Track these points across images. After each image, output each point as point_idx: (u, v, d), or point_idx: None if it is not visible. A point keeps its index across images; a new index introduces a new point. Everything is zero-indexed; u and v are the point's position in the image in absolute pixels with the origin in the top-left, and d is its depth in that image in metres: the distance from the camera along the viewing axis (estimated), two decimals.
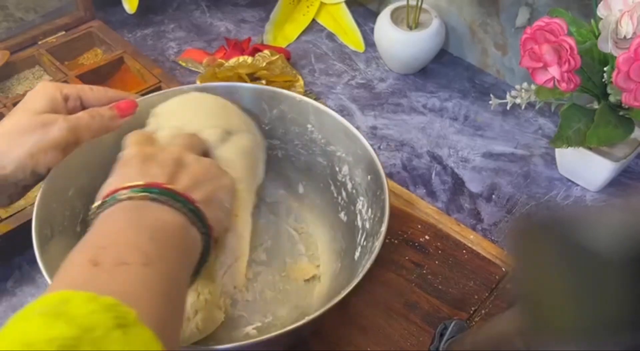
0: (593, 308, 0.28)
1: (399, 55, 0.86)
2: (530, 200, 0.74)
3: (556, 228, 0.29)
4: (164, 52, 0.91)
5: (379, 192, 0.58)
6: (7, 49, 0.84)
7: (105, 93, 0.58)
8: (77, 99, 0.57)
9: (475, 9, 0.85)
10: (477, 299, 0.63)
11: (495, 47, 0.86)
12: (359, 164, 0.61)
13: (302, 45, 0.93)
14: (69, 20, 0.89)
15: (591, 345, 0.28)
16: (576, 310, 0.28)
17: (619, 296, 0.27)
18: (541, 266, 0.30)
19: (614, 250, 0.27)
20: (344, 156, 0.63)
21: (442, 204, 0.73)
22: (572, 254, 0.28)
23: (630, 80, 0.59)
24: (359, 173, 0.62)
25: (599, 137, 0.65)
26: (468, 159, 0.78)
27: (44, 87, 0.55)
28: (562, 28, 0.60)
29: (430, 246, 0.67)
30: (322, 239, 0.66)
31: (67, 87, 0.56)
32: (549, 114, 0.82)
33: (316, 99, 0.85)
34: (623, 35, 0.60)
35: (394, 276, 0.65)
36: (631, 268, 0.27)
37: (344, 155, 0.63)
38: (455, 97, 0.86)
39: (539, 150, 0.79)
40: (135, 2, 0.91)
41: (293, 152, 0.67)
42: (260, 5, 0.99)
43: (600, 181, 0.73)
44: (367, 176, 0.60)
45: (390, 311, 0.62)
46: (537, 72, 0.63)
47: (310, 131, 0.65)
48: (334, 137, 0.64)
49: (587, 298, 0.28)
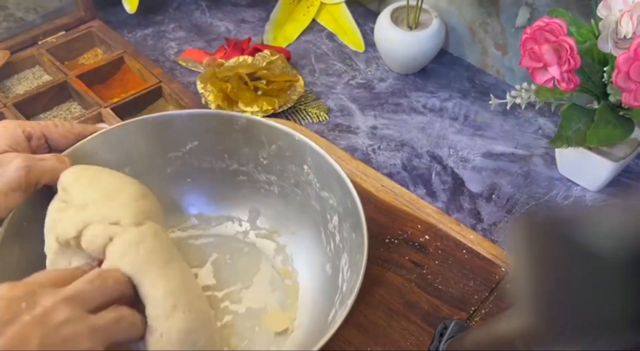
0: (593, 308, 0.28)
1: (399, 56, 0.86)
2: (530, 200, 0.74)
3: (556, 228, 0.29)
4: (164, 52, 0.91)
5: (357, 256, 0.54)
6: (7, 49, 0.84)
7: (70, 129, 0.57)
8: (41, 137, 0.55)
9: (475, 9, 0.85)
10: (477, 299, 0.63)
11: (495, 47, 0.86)
12: (348, 218, 0.58)
13: (302, 45, 0.93)
14: (69, 20, 0.89)
15: (591, 345, 0.28)
16: (576, 310, 0.28)
17: (619, 296, 0.27)
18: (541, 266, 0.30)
19: (614, 250, 0.27)
20: (335, 206, 0.60)
21: (442, 204, 0.73)
22: (572, 254, 0.28)
23: (630, 80, 0.59)
24: (347, 228, 0.58)
25: (599, 137, 0.65)
26: (468, 159, 0.78)
27: (4, 126, 0.53)
28: (562, 28, 0.60)
29: (430, 246, 0.67)
30: (303, 288, 0.62)
31: (30, 125, 0.54)
32: (549, 114, 0.82)
33: (316, 99, 0.85)
34: (623, 35, 0.60)
35: (394, 276, 0.65)
36: (631, 268, 0.27)
37: (335, 204, 0.60)
38: (455, 97, 0.86)
39: (539, 150, 0.79)
40: (135, 2, 0.91)
41: (289, 191, 0.64)
42: (260, 5, 0.99)
43: (600, 181, 0.73)
44: (352, 234, 0.57)
45: (390, 311, 0.62)
46: (537, 72, 0.63)
47: (307, 173, 0.62)
48: (327, 184, 0.61)
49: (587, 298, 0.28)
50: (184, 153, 0.64)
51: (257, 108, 0.80)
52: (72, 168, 0.53)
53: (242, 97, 0.80)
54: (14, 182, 0.49)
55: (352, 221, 0.57)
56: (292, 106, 0.83)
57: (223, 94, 0.80)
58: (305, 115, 0.83)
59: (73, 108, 0.82)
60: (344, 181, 0.58)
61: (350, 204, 0.57)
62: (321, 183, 0.61)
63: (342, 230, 0.59)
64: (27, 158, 0.50)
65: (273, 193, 0.66)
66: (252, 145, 0.64)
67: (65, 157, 0.54)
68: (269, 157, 0.64)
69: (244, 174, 0.66)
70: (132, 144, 0.62)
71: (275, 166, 0.64)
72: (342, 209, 0.59)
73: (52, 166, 0.52)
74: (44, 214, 0.55)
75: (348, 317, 0.50)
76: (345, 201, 0.58)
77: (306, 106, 0.83)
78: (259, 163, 0.64)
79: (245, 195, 0.67)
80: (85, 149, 0.59)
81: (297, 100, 0.83)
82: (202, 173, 0.66)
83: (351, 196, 0.57)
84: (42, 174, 0.51)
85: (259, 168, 0.65)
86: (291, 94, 0.83)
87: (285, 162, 0.63)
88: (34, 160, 0.51)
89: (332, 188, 0.60)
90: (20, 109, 0.78)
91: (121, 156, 0.62)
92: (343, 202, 0.59)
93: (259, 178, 0.65)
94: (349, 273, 0.56)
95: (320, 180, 0.61)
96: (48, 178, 0.52)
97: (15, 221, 0.53)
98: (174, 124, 0.63)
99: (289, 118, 0.82)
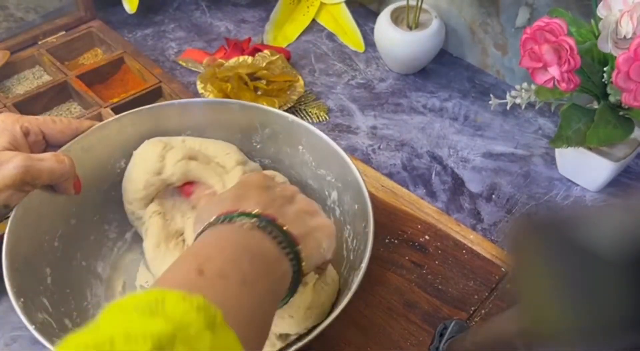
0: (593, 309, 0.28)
1: (399, 55, 0.86)
2: (530, 200, 0.74)
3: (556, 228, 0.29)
4: (164, 52, 0.91)
5: (364, 224, 0.56)
6: (8, 49, 0.84)
7: (68, 125, 0.57)
8: (39, 133, 0.55)
9: (475, 9, 0.85)
10: (477, 299, 0.63)
11: (495, 47, 0.86)
12: (348, 190, 0.60)
13: (302, 45, 0.93)
14: (69, 20, 0.89)
15: (591, 345, 0.28)
16: (576, 310, 0.28)
17: (618, 296, 0.27)
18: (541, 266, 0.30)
19: (613, 250, 0.27)
20: (333, 181, 0.62)
21: (442, 204, 0.73)
22: (572, 254, 0.28)
23: (630, 80, 0.59)
24: (347, 200, 0.61)
25: (599, 137, 0.65)
26: (468, 159, 0.78)
27: (3, 121, 0.54)
28: (562, 28, 0.60)
29: (430, 246, 0.67)
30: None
31: (28, 121, 0.55)
32: (549, 114, 0.82)
33: (316, 99, 0.85)
34: (623, 35, 0.60)
35: (394, 276, 0.65)
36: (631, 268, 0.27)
37: (333, 180, 0.62)
38: (455, 97, 0.86)
39: (539, 150, 0.79)
40: (135, 2, 0.91)
41: (284, 173, 0.66)
42: (260, 5, 0.99)
43: (600, 181, 0.73)
44: (355, 205, 0.59)
45: (390, 311, 0.62)
46: (537, 72, 0.63)
47: (302, 153, 0.64)
48: (324, 161, 0.63)
49: (587, 299, 0.28)
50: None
51: None
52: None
53: (242, 97, 0.80)
54: (10, 180, 0.50)
55: (352, 193, 0.59)
56: (292, 106, 0.83)
57: (223, 94, 0.80)
58: (305, 115, 0.83)
59: (73, 108, 0.82)
60: (341, 157, 0.60)
61: (350, 177, 0.59)
62: (317, 162, 0.63)
63: (343, 204, 0.61)
64: (25, 158, 0.50)
65: None
66: (245, 130, 0.65)
67: (65, 156, 0.54)
68: (262, 141, 0.66)
69: None
70: (129, 136, 0.63)
71: (269, 149, 0.66)
72: (341, 184, 0.61)
73: (51, 166, 0.52)
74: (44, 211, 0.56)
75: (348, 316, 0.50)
76: (344, 174, 0.60)
77: (306, 106, 0.83)
78: (252, 148, 0.66)
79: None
80: (83, 144, 0.60)
81: (297, 100, 0.83)
82: None
83: (349, 168, 0.59)
84: (40, 175, 0.51)
85: (252, 153, 0.66)
86: (291, 94, 0.83)
87: (279, 144, 0.65)
88: (32, 160, 0.51)
89: (329, 165, 0.62)
90: (20, 109, 0.77)
91: (118, 148, 0.63)
92: (342, 176, 0.60)
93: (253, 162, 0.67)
94: (354, 243, 0.58)
95: (317, 159, 0.63)
96: (46, 178, 0.52)
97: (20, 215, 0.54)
98: (167, 114, 0.64)
99: None
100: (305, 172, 0.65)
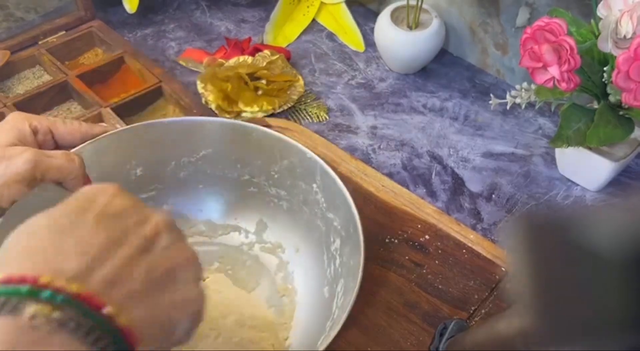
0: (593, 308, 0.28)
1: (399, 55, 0.86)
2: (530, 200, 0.74)
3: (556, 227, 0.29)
4: (164, 52, 0.91)
5: (352, 283, 0.54)
6: (8, 48, 0.84)
7: (78, 127, 0.57)
8: (48, 132, 0.55)
9: (475, 9, 0.85)
10: (477, 299, 0.63)
11: (495, 47, 0.86)
12: (348, 243, 0.58)
13: (302, 45, 0.93)
14: (69, 20, 0.89)
15: (591, 345, 0.28)
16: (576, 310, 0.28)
17: (619, 296, 0.27)
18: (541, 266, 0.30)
19: (613, 250, 0.27)
20: (339, 229, 0.60)
21: (442, 204, 0.73)
22: (572, 254, 0.28)
23: (630, 80, 0.59)
24: (347, 253, 0.58)
25: (599, 137, 0.65)
26: (468, 159, 0.78)
27: (12, 119, 0.54)
28: (562, 28, 0.60)
29: (430, 246, 0.67)
30: (299, 308, 0.62)
31: (37, 120, 0.55)
32: (549, 114, 0.82)
33: (316, 98, 0.85)
34: (623, 35, 0.60)
35: (394, 276, 0.65)
36: (631, 268, 0.27)
37: (339, 227, 0.60)
38: (455, 97, 0.86)
39: (539, 150, 0.79)
40: (135, 2, 0.91)
41: (297, 208, 0.64)
42: (260, 5, 0.99)
43: (600, 180, 0.73)
44: (350, 261, 0.56)
45: (390, 311, 0.62)
46: (537, 72, 0.63)
47: (315, 192, 0.62)
48: (333, 205, 0.60)
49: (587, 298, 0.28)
50: (197, 159, 0.65)
51: (257, 108, 0.80)
52: None
53: (242, 97, 0.80)
54: (19, 175, 0.49)
55: (351, 247, 0.57)
56: (292, 106, 0.83)
57: (223, 94, 0.80)
58: (305, 115, 0.83)
59: (73, 108, 0.82)
60: (349, 206, 0.57)
61: (353, 229, 0.57)
62: (328, 204, 0.61)
63: (343, 254, 0.59)
64: (36, 153, 0.50)
65: (282, 207, 0.65)
66: (264, 158, 0.64)
67: (76, 155, 0.54)
68: (280, 172, 0.64)
69: (255, 186, 0.66)
70: (144, 146, 0.62)
71: (285, 181, 0.64)
72: (344, 233, 0.59)
73: (60, 164, 0.52)
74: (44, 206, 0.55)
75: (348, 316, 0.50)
76: (348, 226, 0.58)
77: (306, 106, 0.83)
78: (270, 177, 0.64)
79: (254, 207, 0.67)
80: (95, 149, 0.59)
81: (297, 100, 0.83)
82: (214, 181, 0.66)
83: (354, 221, 0.56)
84: (48, 171, 0.51)
85: (270, 181, 0.65)
86: (291, 94, 0.83)
87: (295, 179, 0.63)
88: (42, 155, 0.51)
89: (337, 210, 0.60)
90: (20, 108, 0.77)
91: (131, 157, 0.62)
92: (346, 226, 0.58)
93: (269, 191, 0.65)
94: (342, 300, 0.55)
95: (327, 201, 0.61)
96: (54, 174, 0.52)
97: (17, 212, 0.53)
98: (190, 130, 0.63)
99: (288, 118, 0.82)
100: (317, 213, 0.63)
